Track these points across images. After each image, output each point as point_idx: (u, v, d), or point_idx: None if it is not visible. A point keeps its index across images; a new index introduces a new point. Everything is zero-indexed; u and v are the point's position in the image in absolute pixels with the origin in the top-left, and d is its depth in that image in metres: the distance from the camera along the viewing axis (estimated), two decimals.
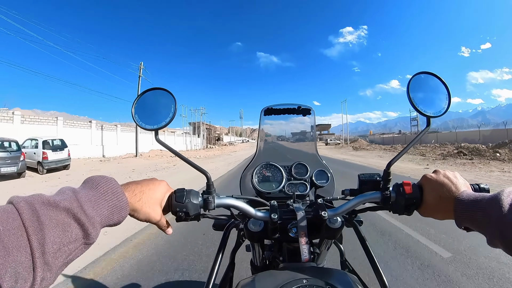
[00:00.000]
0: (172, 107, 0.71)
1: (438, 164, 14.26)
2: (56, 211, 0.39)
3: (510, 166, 11.66)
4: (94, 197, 0.45)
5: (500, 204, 0.44)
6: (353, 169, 11.86)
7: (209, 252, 3.04)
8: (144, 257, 3.04)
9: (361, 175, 0.77)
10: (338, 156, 22.83)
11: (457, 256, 2.83)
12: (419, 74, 0.70)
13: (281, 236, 0.74)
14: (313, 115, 1.25)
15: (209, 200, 0.68)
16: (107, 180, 0.49)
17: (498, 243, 0.45)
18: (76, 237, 0.40)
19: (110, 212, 0.47)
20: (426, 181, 0.64)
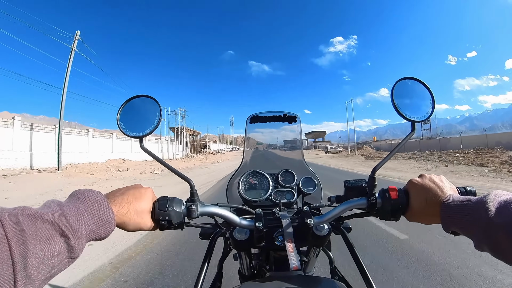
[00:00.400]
0: (157, 114, 0.71)
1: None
2: (41, 223, 0.38)
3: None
4: (79, 211, 0.45)
5: (487, 208, 0.44)
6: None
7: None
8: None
9: (346, 182, 0.77)
10: (361, 170, 16.09)
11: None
12: (402, 79, 0.70)
13: (267, 245, 0.73)
14: (299, 122, 1.25)
15: (192, 208, 0.68)
16: (93, 194, 0.49)
17: (485, 247, 0.45)
18: (60, 251, 0.39)
19: (96, 226, 0.46)
20: (412, 186, 0.63)
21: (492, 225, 0.42)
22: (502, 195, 0.46)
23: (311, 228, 0.69)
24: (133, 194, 0.59)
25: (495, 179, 10.60)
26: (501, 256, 0.43)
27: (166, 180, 11.54)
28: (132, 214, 0.56)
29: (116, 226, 0.53)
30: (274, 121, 1.22)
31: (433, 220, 0.58)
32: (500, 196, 0.46)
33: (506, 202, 0.43)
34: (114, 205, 0.53)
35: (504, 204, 0.43)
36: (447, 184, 0.60)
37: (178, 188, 8.63)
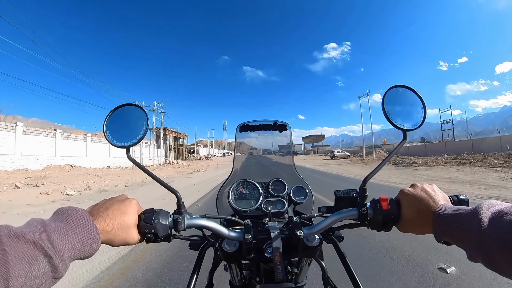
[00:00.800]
0: (144, 124, 0.70)
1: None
2: (23, 243, 0.37)
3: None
4: (63, 230, 0.44)
5: (479, 218, 0.44)
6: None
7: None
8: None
9: (337, 192, 0.76)
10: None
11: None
12: (393, 87, 0.70)
13: (256, 257, 0.71)
14: (289, 131, 1.24)
15: (179, 221, 0.67)
16: (77, 212, 0.48)
17: (478, 257, 0.44)
18: (43, 271, 0.38)
19: (80, 245, 0.45)
20: (404, 196, 0.63)
21: (485, 237, 0.42)
22: (495, 205, 0.45)
23: (302, 239, 0.68)
24: (118, 208, 0.57)
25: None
26: (494, 267, 0.42)
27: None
28: (117, 230, 0.54)
29: (102, 243, 0.51)
30: (264, 129, 1.22)
31: (425, 230, 0.58)
32: (493, 206, 0.45)
33: (499, 213, 0.43)
34: (98, 222, 0.52)
35: (497, 215, 0.43)
36: (439, 194, 0.59)
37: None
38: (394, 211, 0.62)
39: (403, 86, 0.70)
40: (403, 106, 0.70)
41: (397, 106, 0.69)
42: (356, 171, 19.22)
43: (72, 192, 9.42)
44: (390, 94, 0.68)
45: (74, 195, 9.17)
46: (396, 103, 0.69)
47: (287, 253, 0.70)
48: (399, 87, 0.70)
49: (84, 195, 9.35)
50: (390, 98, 0.68)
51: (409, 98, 0.70)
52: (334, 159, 41.95)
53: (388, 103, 0.67)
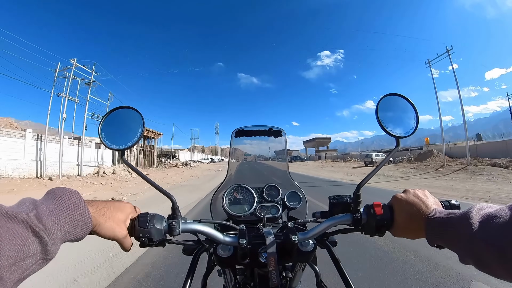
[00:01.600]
0: (140, 127, 0.70)
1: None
2: (14, 223, 0.37)
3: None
4: (55, 210, 0.43)
5: (470, 222, 0.44)
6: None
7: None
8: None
9: (331, 197, 0.77)
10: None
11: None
12: (387, 96, 0.72)
13: (251, 262, 0.71)
14: (284, 137, 1.25)
15: (174, 225, 0.66)
16: (70, 193, 0.47)
17: (470, 260, 0.45)
18: (34, 252, 0.38)
19: (71, 227, 0.45)
20: (396, 201, 0.64)
21: (475, 240, 0.43)
22: (486, 209, 0.46)
23: (296, 244, 0.68)
24: (112, 203, 0.59)
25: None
26: (485, 269, 0.43)
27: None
28: (108, 218, 0.54)
29: (92, 229, 0.51)
30: (259, 135, 1.22)
31: (418, 234, 0.59)
32: (483, 209, 0.46)
33: (489, 216, 0.44)
34: (91, 206, 0.51)
35: (487, 218, 0.44)
36: (431, 199, 0.60)
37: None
38: (387, 216, 0.63)
39: (396, 94, 0.72)
40: (396, 113, 0.72)
41: (391, 113, 0.71)
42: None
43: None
44: (383, 102, 0.70)
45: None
46: (390, 111, 0.71)
47: (282, 258, 0.71)
48: (392, 95, 0.72)
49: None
50: (383, 106, 0.70)
51: (402, 106, 0.72)
52: (370, 167, 29.38)
53: (382, 111, 0.69)
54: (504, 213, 0.42)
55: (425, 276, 2.75)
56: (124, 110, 0.73)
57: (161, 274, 2.95)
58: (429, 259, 3.13)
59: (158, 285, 2.73)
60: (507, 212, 0.42)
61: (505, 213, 0.42)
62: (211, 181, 14.73)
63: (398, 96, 0.72)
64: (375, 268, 3.01)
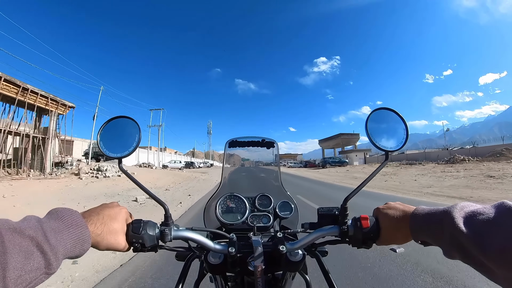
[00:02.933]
0: (136, 136, 0.73)
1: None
2: (21, 238, 0.39)
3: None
4: (58, 228, 0.46)
5: (453, 216, 0.46)
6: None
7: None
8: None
9: (320, 209, 0.78)
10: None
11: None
12: (377, 110, 0.72)
13: (240, 270, 0.74)
14: (276, 148, 1.28)
15: (165, 232, 0.68)
16: (71, 213, 0.50)
17: (454, 254, 0.46)
18: (38, 266, 0.40)
19: (72, 245, 0.47)
20: (379, 211, 0.66)
21: (459, 232, 0.44)
22: (469, 207, 0.47)
23: (285, 254, 0.70)
24: (108, 214, 0.60)
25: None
26: (469, 263, 0.44)
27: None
28: (105, 234, 0.56)
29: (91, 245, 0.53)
30: (252, 146, 1.26)
31: (404, 235, 0.59)
32: (467, 207, 0.47)
33: (472, 213, 0.45)
34: (90, 224, 0.53)
35: (470, 214, 0.45)
36: (412, 206, 0.61)
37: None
38: (374, 229, 0.64)
39: (386, 108, 0.73)
40: (386, 127, 0.73)
41: (380, 127, 0.72)
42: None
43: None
44: (373, 116, 0.71)
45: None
46: (379, 125, 0.72)
47: (271, 267, 0.72)
48: (382, 110, 0.73)
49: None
50: (373, 120, 0.71)
51: (392, 120, 0.73)
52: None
53: (372, 124, 0.70)
54: (488, 211, 0.44)
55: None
56: (121, 120, 0.75)
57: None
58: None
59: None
60: (491, 210, 0.43)
61: (488, 211, 0.44)
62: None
63: (388, 110, 0.73)
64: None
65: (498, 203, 0.44)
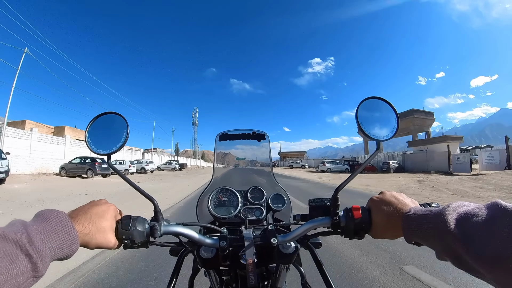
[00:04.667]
0: (124, 132, 0.72)
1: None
2: (4, 242, 0.39)
3: None
4: (44, 231, 0.45)
5: (446, 219, 0.45)
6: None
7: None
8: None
9: (311, 200, 0.77)
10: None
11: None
12: (367, 99, 0.71)
13: (232, 263, 0.73)
14: (267, 140, 1.26)
15: (155, 227, 0.68)
16: (57, 214, 0.49)
17: (446, 256, 0.45)
18: (24, 270, 0.39)
19: (59, 246, 0.47)
20: (373, 203, 0.64)
21: (451, 236, 0.43)
22: (462, 207, 0.46)
23: (277, 247, 0.69)
24: (96, 212, 0.59)
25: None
26: (461, 266, 0.43)
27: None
28: (94, 233, 0.56)
29: (80, 245, 0.53)
30: (243, 138, 1.24)
31: (396, 233, 0.59)
32: (460, 207, 0.46)
33: (465, 214, 0.44)
34: (77, 225, 0.53)
35: (463, 216, 0.44)
36: (407, 199, 0.61)
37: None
38: (366, 220, 0.63)
39: (376, 97, 0.72)
40: (377, 117, 0.71)
41: (371, 117, 0.70)
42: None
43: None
44: (363, 105, 0.70)
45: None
46: (370, 114, 0.71)
47: (263, 260, 0.72)
48: (373, 99, 0.72)
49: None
50: (363, 109, 0.70)
51: (382, 109, 0.72)
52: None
53: (362, 114, 0.69)
54: (481, 212, 0.42)
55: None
56: (109, 116, 0.75)
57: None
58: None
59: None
60: (484, 211, 0.42)
61: (482, 212, 0.42)
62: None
63: (379, 99, 0.72)
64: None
65: (491, 203, 0.43)
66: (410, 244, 0.55)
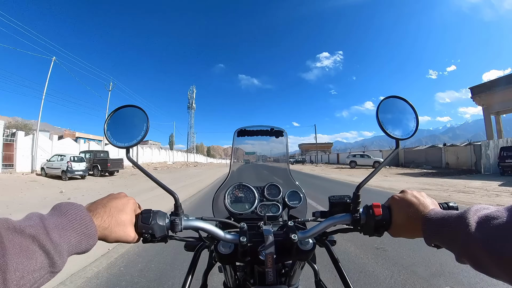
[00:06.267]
0: (144, 125, 0.71)
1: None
2: (21, 237, 0.38)
3: None
4: (61, 225, 0.44)
5: (467, 222, 0.45)
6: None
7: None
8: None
9: (331, 197, 0.77)
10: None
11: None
12: (388, 98, 0.72)
13: (251, 259, 0.72)
14: (285, 137, 1.26)
15: (176, 222, 0.67)
16: (76, 208, 0.48)
17: (466, 260, 0.45)
18: (41, 265, 0.38)
19: (78, 241, 0.46)
20: (394, 202, 0.64)
21: (472, 240, 0.43)
22: (483, 210, 0.46)
23: (296, 243, 0.69)
24: (116, 206, 0.58)
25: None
26: (481, 269, 0.43)
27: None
28: (113, 227, 0.55)
29: (98, 238, 0.52)
30: (261, 135, 1.24)
31: (415, 234, 0.59)
32: (480, 211, 0.46)
33: (486, 217, 0.44)
34: (96, 218, 0.52)
35: (484, 219, 0.44)
36: (428, 200, 0.61)
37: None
38: (386, 217, 0.64)
39: (397, 96, 0.73)
40: (397, 116, 0.72)
41: (391, 116, 0.71)
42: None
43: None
44: (384, 104, 0.71)
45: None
46: (390, 113, 0.71)
47: (281, 256, 0.72)
48: (393, 98, 0.73)
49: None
50: (384, 108, 0.71)
51: (402, 109, 0.73)
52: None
53: (382, 113, 0.70)
54: (501, 215, 0.42)
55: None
56: (129, 109, 0.74)
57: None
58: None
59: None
60: (504, 214, 0.42)
61: (502, 215, 0.42)
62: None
63: (399, 98, 0.73)
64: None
65: (511, 206, 0.43)
66: (430, 246, 0.55)
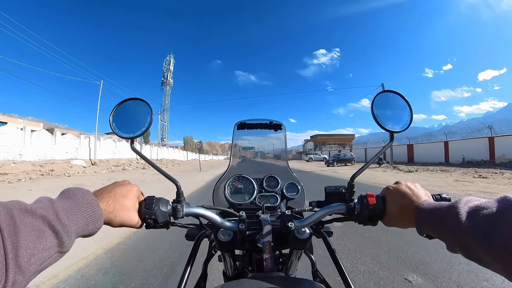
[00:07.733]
0: (148, 117, 0.75)
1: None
2: (32, 218, 0.40)
3: None
4: (70, 208, 0.47)
5: (457, 212, 0.47)
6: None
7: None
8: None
9: (327, 188, 0.80)
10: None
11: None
12: (382, 92, 0.74)
13: (249, 247, 0.75)
14: (284, 130, 1.28)
15: (178, 208, 0.71)
16: (83, 192, 0.51)
17: (457, 249, 0.47)
18: (50, 245, 0.41)
19: (85, 223, 0.48)
20: (388, 192, 0.66)
21: (462, 229, 0.45)
22: (473, 201, 0.48)
23: (292, 232, 0.71)
24: (120, 192, 0.61)
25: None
26: (472, 258, 0.45)
27: None
28: (118, 211, 0.58)
29: (103, 222, 0.54)
30: (260, 128, 1.26)
31: (408, 224, 0.61)
32: (471, 201, 0.48)
33: (476, 208, 0.46)
34: (101, 202, 0.55)
35: (474, 209, 0.46)
36: (421, 191, 0.63)
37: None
38: (380, 206, 0.66)
39: (391, 91, 0.75)
40: (391, 110, 0.75)
41: (386, 110, 0.74)
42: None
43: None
44: (378, 98, 0.73)
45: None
46: (385, 107, 0.74)
47: (279, 245, 0.74)
48: (388, 92, 0.75)
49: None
50: (379, 102, 0.73)
51: (397, 103, 0.75)
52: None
53: (377, 107, 0.72)
54: (491, 205, 0.44)
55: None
56: (133, 101, 0.77)
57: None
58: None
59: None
60: (494, 204, 0.44)
61: (492, 205, 0.44)
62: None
63: (393, 93, 0.75)
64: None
65: (501, 198, 0.44)
66: (422, 236, 0.57)
